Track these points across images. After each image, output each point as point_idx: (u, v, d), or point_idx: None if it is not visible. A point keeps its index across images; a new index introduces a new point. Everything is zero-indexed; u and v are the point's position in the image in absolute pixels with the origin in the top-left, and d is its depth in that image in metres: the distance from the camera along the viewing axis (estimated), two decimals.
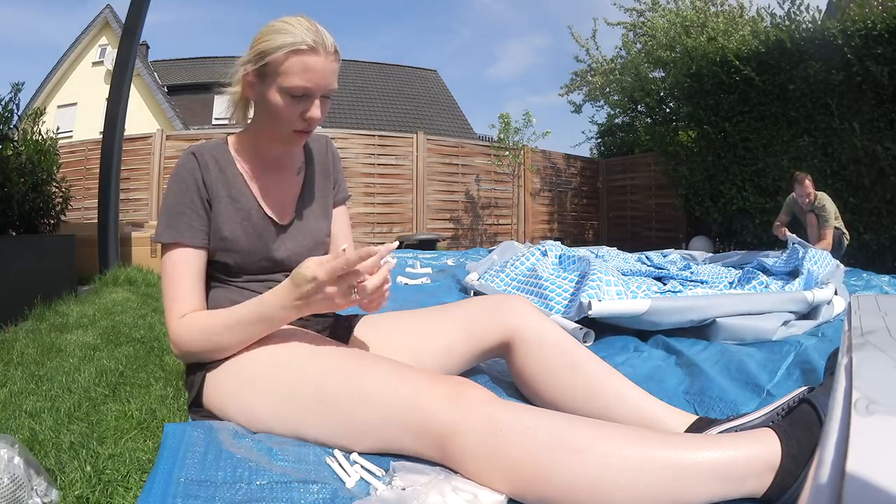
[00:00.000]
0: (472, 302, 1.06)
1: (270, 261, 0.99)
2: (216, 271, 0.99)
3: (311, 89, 0.89)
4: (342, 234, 1.14)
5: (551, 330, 0.98)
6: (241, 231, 0.97)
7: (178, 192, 0.95)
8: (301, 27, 0.87)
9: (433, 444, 0.73)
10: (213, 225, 0.96)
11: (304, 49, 0.86)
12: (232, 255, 0.97)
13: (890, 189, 4.82)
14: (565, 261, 2.38)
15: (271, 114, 0.92)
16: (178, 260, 0.93)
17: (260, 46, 0.89)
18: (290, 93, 0.89)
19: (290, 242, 1.02)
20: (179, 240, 0.92)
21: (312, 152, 1.12)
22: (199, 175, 0.95)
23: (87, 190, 5.88)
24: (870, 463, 0.35)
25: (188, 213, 0.94)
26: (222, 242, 0.96)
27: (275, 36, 0.87)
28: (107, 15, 13.81)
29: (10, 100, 2.91)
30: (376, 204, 6.95)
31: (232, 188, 0.98)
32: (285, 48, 0.86)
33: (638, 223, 8.53)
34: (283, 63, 0.87)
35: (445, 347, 1.01)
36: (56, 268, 2.73)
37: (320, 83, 0.89)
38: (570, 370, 0.93)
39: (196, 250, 0.94)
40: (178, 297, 0.91)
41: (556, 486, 0.67)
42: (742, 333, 1.55)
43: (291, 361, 0.84)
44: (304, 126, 0.93)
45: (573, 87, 9.51)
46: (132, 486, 0.74)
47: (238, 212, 0.97)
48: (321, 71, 0.88)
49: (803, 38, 5.35)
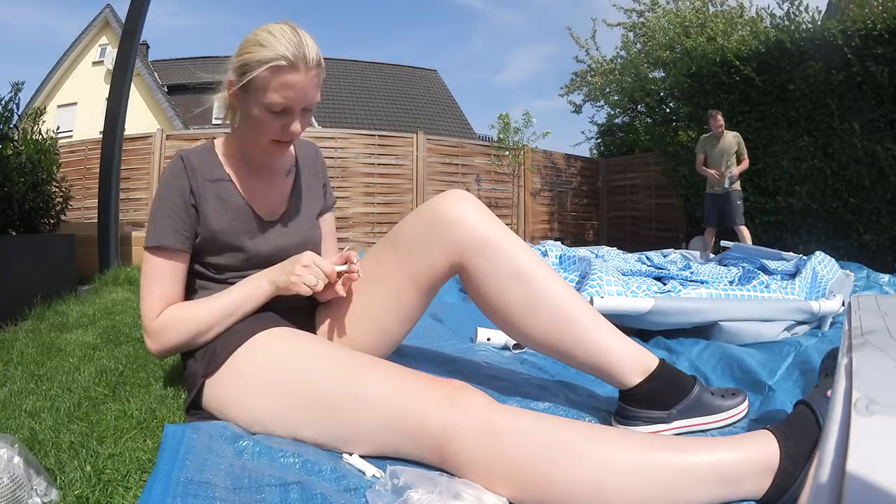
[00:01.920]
0: (404, 234, 0.98)
1: (259, 256, 1.01)
2: (204, 274, 1.01)
3: (290, 106, 0.90)
4: (328, 239, 1.18)
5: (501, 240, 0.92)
6: (230, 227, 0.99)
7: (165, 196, 0.97)
8: (283, 39, 0.86)
9: (430, 448, 0.73)
10: (202, 224, 0.98)
11: (283, 66, 0.86)
12: (224, 254, 0.99)
13: (890, 189, 4.82)
14: (565, 261, 2.38)
15: (251, 125, 0.94)
16: (157, 263, 0.96)
17: (242, 58, 0.89)
18: (269, 108, 0.90)
19: (279, 239, 1.04)
20: (162, 243, 0.94)
21: (303, 156, 1.15)
22: (186, 179, 0.97)
23: (87, 190, 5.88)
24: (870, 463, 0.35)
25: (172, 217, 0.95)
26: (213, 242, 0.98)
27: (256, 49, 0.87)
28: (107, 15, 13.81)
29: (10, 99, 2.91)
30: (376, 204, 6.95)
31: (220, 190, 1.00)
32: (264, 64, 0.86)
33: (638, 223, 8.52)
34: (263, 79, 0.87)
35: (396, 297, 0.98)
36: (56, 268, 2.73)
37: (300, 100, 0.90)
38: (523, 284, 0.91)
39: (178, 253, 0.96)
40: (155, 297, 0.95)
41: (555, 490, 0.66)
42: (743, 336, 1.55)
43: (290, 364, 0.84)
44: (284, 138, 0.95)
45: (573, 87, 9.51)
46: (132, 485, 0.74)
47: (227, 211, 0.99)
48: (301, 88, 0.89)
49: (803, 38, 5.35)
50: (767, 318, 1.61)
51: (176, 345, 0.95)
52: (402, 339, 1.07)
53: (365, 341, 1.00)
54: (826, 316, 1.71)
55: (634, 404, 0.91)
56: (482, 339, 1.51)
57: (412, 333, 1.12)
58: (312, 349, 0.86)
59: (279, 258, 1.00)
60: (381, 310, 1.00)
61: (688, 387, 0.91)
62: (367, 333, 1.01)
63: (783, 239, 5.52)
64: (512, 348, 1.44)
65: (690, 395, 0.90)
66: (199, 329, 0.94)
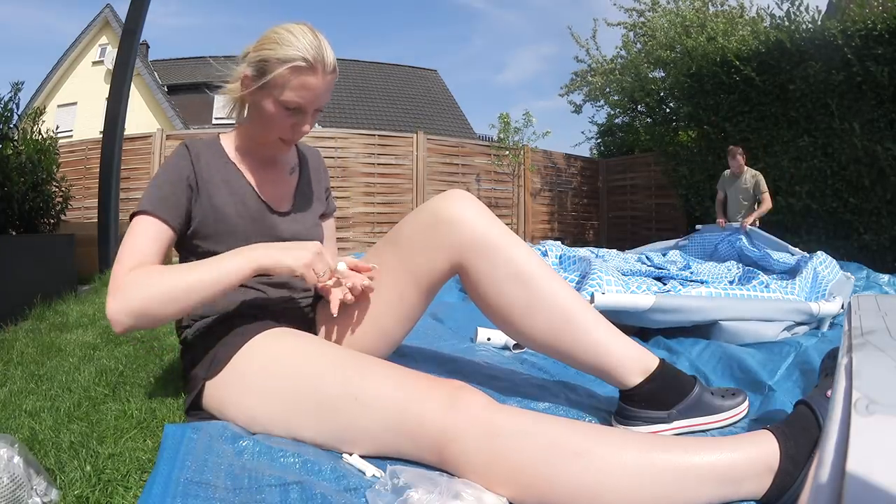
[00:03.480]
0: (405, 234, 0.98)
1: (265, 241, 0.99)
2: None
3: (304, 106, 0.92)
4: (329, 242, 1.18)
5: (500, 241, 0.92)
6: (234, 211, 0.98)
7: (163, 172, 0.96)
8: (304, 40, 0.88)
9: (430, 448, 0.73)
10: (203, 202, 0.97)
11: (303, 67, 0.88)
12: (226, 240, 0.97)
13: (890, 189, 4.82)
14: (565, 261, 2.38)
15: (263, 120, 0.94)
16: (140, 229, 0.91)
17: (262, 53, 0.90)
18: (284, 105, 0.91)
19: (285, 232, 1.03)
20: (148, 209, 0.91)
21: (307, 158, 1.16)
22: (190, 162, 0.97)
23: (87, 189, 5.88)
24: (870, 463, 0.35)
25: (166, 189, 0.94)
26: (217, 224, 0.97)
27: (277, 47, 0.88)
28: (107, 14, 13.81)
29: (9, 99, 2.91)
30: (376, 204, 6.95)
31: (227, 174, 1.00)
32: (286, 63, 0.87)
33: (638, 223, 8.52)
34: (282, 76, 0.89)
35: (397, 297, 0.99)
36: (56, 267, 2.73)
37: (314, 101, 0.92)
38: (523, 285, 0.91)
39: (163, 224, 0.92)
40: (130, 258, 0.87)
41: (556, 491, 0.66)
42: (743, 336, 1.55)
43: (290, 365, 0.84)
44: (293, 136, 0.96)
45: (573, 87, 9.51)
46: (132, 485, 0.74)
47: (232, 194, 0.99)
48: (317, 90, 0.91)
49: (803, 38, 5.35)
50: (767, 318, 1.61)
51: (133, 309, 0.83)
52: (402, 339, 1.07)
53: (365, 341, 1.00)
54: (825, 317, 1.72)
55: (635, 404, 0.91)
56: (482, 339, 1.51)
57: (412, 333, 1.11)
58: (312, 350, 0.86)
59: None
60: (382, 310, 1.00)
61: (688, 387, 0.91)
62: (368, 333, 1.01)
63: (783, 239, 5.51)
64: (512, 348, 1.44)
65: (691, 396, 0.90)
66: (161, 296, 0.83)
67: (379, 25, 47.08)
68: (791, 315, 1.63)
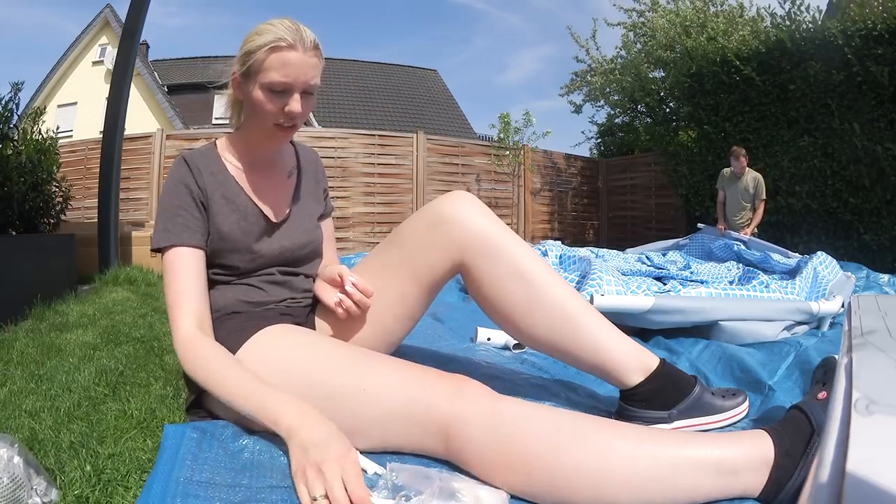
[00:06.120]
0: (407, 234, 0.99)
1: (265, 257, 1.01)
2: (215, 272, 1.00)
3: (290, 84, 0.92)
4: (328, 242, 1.18)
5: (502, 240, 0.93)
6: (238, 229, 0.99)
7: (172, 196, 0.96)
8: (282, 26, 0.91)
9: (437, 435, 0.74)
10: (211, 225, 0.97)
11: (282, 45, 0.89)
12: (230, 255, 0.99)
13: (890, 189, 4.82)
14: (565, 261, 2.38)
15: (255, 109, 0.95)
16: (177, 262, 0.92)
17: (245, 47, 0.93)
18: (270, 88, 0.92)
19: (285, 240, 1.04)
20: (176, 241, 0.93)
21: (304, 159, 1.16)
22: (192, 179, 0.97)
23: (87, 189, 5.87)
24: (870, 463, 0.35)
25: (183, 215, 0.95)
26: (221, 242, 0.98)
27: (257, 37, 0.91)
28: (107, 14, 13.80)
29: (10, 99, 2.91)
30: (376, 204, 6.94)
31: (225, 189, 1.00)
32: (265, 46, 0.90)
33: (638, 223, 8.52)
34: (264, 60, 0.90)
35: (399, 296, 0.99)
36: (56, 267, 2.73)
37: (299, 78, 0.92)
38: (524, 284, 0.92)
39: (195, 250, 0.94)
40: (182, 302, 0.89)
41: (560, 473, 0.68)
42: (743, 336, 1.55)
43: (296, 359, 0.85)
44: (286, 120, 0.95)
45: (573, 87, 9.51)
46: (132, 485, 0.74)
47: (233, 211, 0.99)
48: (299, 65, 0.91)
49: (803, 38, 5.35)
50: (767, 317, 1.61)
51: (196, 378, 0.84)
52: (403, 338, 1.08)
53: (366, 339, 1.01)
54: (825, 317, 1.72)
55: (635, 404, 0.91)
56: (482, 338, 1.51)
57: (412, 333, 1.12)
58: (317, 344, 0.87)
59: (284, 258, 1.03)
60: (384, 308, 1.00)
61: (688, 387, 0.91)
62: (369, 331, 1.01)
63: (783, 239, 5.51)
64: (512, 348, 1.44)
65: (691, 395, 0.90)
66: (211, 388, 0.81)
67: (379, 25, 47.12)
68: (791, 314, 1.63)
